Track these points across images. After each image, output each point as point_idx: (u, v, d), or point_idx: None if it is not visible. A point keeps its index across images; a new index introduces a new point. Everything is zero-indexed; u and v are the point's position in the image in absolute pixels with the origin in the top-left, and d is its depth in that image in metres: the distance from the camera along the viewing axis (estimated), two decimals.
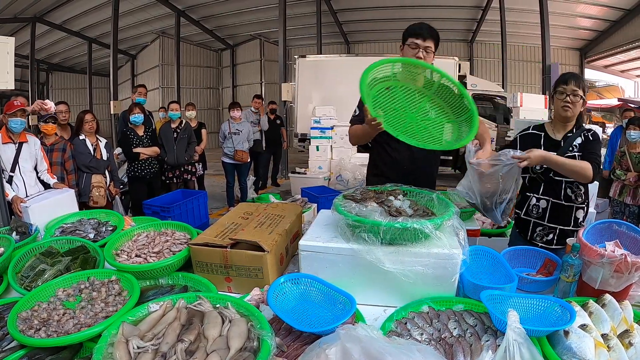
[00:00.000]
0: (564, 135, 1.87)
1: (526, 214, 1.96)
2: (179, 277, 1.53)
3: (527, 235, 1.96)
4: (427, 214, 1.39)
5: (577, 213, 1.87)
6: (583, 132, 1.85)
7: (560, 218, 1.87)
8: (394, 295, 1.30)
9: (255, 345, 0.99)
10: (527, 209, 1.95)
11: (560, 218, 1.87)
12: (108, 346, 0.99)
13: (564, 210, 1.86)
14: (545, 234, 1.90)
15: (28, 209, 2.19)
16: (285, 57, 9.18)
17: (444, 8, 11.83)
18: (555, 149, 1.85)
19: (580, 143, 1.83)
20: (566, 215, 1.87)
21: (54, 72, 18.19)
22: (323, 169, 6.87)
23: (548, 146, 1.87)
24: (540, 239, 1.91)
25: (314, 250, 1.33)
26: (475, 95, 8.82)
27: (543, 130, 1.94)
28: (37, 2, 11.22)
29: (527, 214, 1.96)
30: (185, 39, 14.50)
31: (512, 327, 0.97)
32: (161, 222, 1.87)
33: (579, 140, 1.84)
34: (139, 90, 5.25)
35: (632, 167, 3.96)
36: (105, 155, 3.74)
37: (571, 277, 1.32)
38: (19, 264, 1.61)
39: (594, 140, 1.82)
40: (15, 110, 2.87)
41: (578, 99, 1.78)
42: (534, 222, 1.93)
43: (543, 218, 1.90)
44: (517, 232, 2.04)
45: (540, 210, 1.90)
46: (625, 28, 11.05)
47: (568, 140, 1.84)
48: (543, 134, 1.93)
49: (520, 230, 2.01)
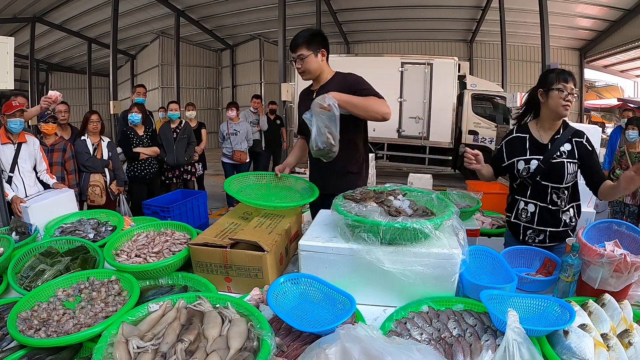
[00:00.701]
0: (551, 137, 1.82)
1: (516, 217, 1.94)
2: (179, 277, 1.53)
3: (519, 237, 1.94)
4: (427, 213, 1.40)
5: (564, 215, 1.85)
6: (574, 138, 1.80)
7: (548, 221, 1.85)
8: (393, 295, 1.30)
9: (255, 345, 0.99)
10: (517, 212, 1.93)
11: (549, 221, 1.85)
12: (108, 346, 0.99)
13: (551, 214, 1.84)
14: (537, 235, 1.89)
15: (28, 209, 2.19)
16: (285, 57, 9.17)
17: (443, 8, 11.82)
18: (541, 152, 1.80)
19: (570, 150, 1.78)
20: (554, 219, 1.85)
21: (54, 72, 18.16)
22: None
23: (534, 150, 1.83)
24: (533, 241, 1.90)
25: (314, 250, 1.33)
26: (475, 95, 8.85)
27: (527, 132, 1.88)
28: (36, 2, 11.20)
29: (516, 217, 1.94)
30: (185, 39, 14.49)
31: (511, 326, 0.97)
32: (161, 222, 1.87)
33: (568, 147, 1.78)
34: (137, 90, 5.24)
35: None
36: (106, 155, 3.75)
37: (570, 276, 1.32)
38: (19, 264, 1.61)
39: (592, 151, 1.78)
40: (14, 111, 2.86)
41: (574, 97, 1.76)
42: (523, 225, 1.91)
43: (532, 222, 1.88)
44: (510, 234, 2.02)
45: (529, 214, 1.88)
46: (624, 28, 11.05)
47: (555, 144, 1.79)
48: (528, 136, 1.87)
49: (512, 232, 2.00)
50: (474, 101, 8.84)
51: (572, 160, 1.78)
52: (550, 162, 1.78)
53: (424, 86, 8.61)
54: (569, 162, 1.78)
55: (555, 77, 1.75)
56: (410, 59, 8.97)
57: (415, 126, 8.83)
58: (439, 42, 14.20)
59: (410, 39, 14.23)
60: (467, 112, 8.80)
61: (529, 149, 1.85)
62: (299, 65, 2.03)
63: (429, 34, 13.81)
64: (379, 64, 8.98)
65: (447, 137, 8.71)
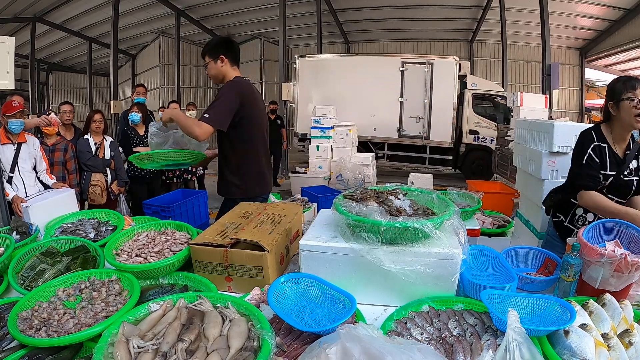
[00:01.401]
0: (624, 150, 1.69)
1: (570, 222, 1.87)
2: (179, 277, 1.53)
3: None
4: (427, 213, 1.39)
5: None
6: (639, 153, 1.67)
7: None
8: (394, 294, 1.30)
9: (255, 344, 0.99)
10: (572, 217, 1.86)
11: None
12: (108, 346, 0.99)
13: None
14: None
15: (28, 209, 2.19)
16: (285, 56, 9.17)
17: (444, 8, 11.82)
18: (618, 167, 1.68)
19: (637, 166, 1.67)
20: None
21: (54, 72, 18.18)
22: (323, 168, 6.87)
23: (613, 164, 1.68)
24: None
25: (314, 250, 1.33)
26: (476, 94, 8.84)
27: (605, 142, 1.70)
28: (37, 2, 11.21)
29: (571, 222, 1.87)
30: (185, 38, 14.49)
31: (512, 326, 0.97)
32: (161, 221, 1.87)
33: (635, 163, 1.67)
34: (138, 89, 5.25)
35: None
36: (108, 155, 3.76)
37: (571, 276, 1.32)
38: (19, 263, 1.61)
39: None
40: (15, 112, 2.86)
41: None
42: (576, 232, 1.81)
43: None
44: (557, 236, 1.93)
45: (587, 222, 1.79)
46: (625, 27, 11.04)
47: (627, 159, 1.67)
48: (606, 147, 1.69)
49: (560, 234, 1.91)
50: (475, 101, 8.84)
51: (638, 178, 1.70)
52: (622, 178, 1.69)
53: (424, 86, 8.61)
54: (637, 180, 1.70)
55: (623, 86, 1.62)
56: (411, 58, 8.97)
57: (416, 126, 8.83)
58: (440, 41, 14.20)
59: (410, 39, 14.23)
60: (468, 111, 8.80)
61: (609, 162, 1.70)
62: (207, 72, 2.31)
63: (429, 34, 13.81)
64: (380, 63, 8.98)
65: (447, 137, 8.71)
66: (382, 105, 8.83)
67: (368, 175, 6.58)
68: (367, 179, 6.53)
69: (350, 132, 7.01)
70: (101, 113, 3.84)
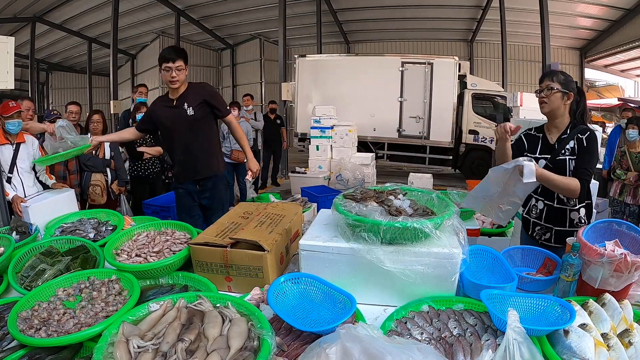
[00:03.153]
0: (558, 137, 1.86)
1: (527, 212, 2.00)
2: (179, 277, 1.53)
3: (529, 232, 2.00)
4: (427, 213, 1.39)
5: (572, 215, 1.86)
6: (577, 134, 1.80)
7: (554, 219, 1.88)
8: (394, 294, 1.30)
9: (255, 344, 0.99)
10: (528, 208, 1.99)
11: (555, 219, 1.88)
12: (108, 346, 0.99)
13: (557, 212, 1.87)
14: (543, 233, 1.93)
15: (28, 209, 2.19)
16: (285, 56, 9.17)
17: (444, 8, 11.82)
18: (549, 152, 1.85)
19: (573, 146, 1.80)
20: (560, 217, 1.87)
21: (54, 72, 18.17)
22: (323, 168, 6.87)
23: (543, 149, 1.88)
24: (540, 237, 1.94)
25: (314, 250, 1.33)
26: (476, 94, 8.84)
27: (542, 132, 1.94)
28: (37, 2, 11.20)
29: (527, 212, 2.00)
30: (185, 38, 14.49)
31: (512, 326, 0.97)
32: (161, 221, 1.87)
33: (571, 144, 1.80)
34: (139, 89, 5.25)
35: (632, 167, 3.95)
36: (108, 155, 3.75)
37: (571, 276, 1.32)
38: (19, 263, 1.61)
39: (588, 148, 1.76)
40: (12, 113, 2.86)
41: (553, 92, 1.77)
42: (533, 221, 1.97)
43: (540, 218, 1.93)
44: (523, 228, 2.07)
45: (538, 211, 1.93)
46: (625, 27, 11.04)
47: (561, 144, 1.82)
48: (541, 136, 1.92)
49: (524, 226, 2.05)
50: (475, 101, 8.83)
51: (573, 157, 1.79)
52: (556, 159, 1.81)
53: (424, 86, 8.60)
54: (571, 159, 1.79)
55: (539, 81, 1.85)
56: (411, 58, 8.96)
57: (416, 126, 8.83)
58: (439, 41, 14.20)
59: (410, 39, 14.23)
60: (468, 111, 8.79)
61: (539, 148, 1.89)
62: (174, 75, 2.32)
63: (429, 34, 13.81)
64: (380, 63, 8.97)
65: (447, 137, 8.70)
66: (382, 105, 8.83)
67: (368, 175, 6.58)
68: (367, 179, 6.53)
69: (350, 132, 7.00)
70: (100, 113, 3.83)
